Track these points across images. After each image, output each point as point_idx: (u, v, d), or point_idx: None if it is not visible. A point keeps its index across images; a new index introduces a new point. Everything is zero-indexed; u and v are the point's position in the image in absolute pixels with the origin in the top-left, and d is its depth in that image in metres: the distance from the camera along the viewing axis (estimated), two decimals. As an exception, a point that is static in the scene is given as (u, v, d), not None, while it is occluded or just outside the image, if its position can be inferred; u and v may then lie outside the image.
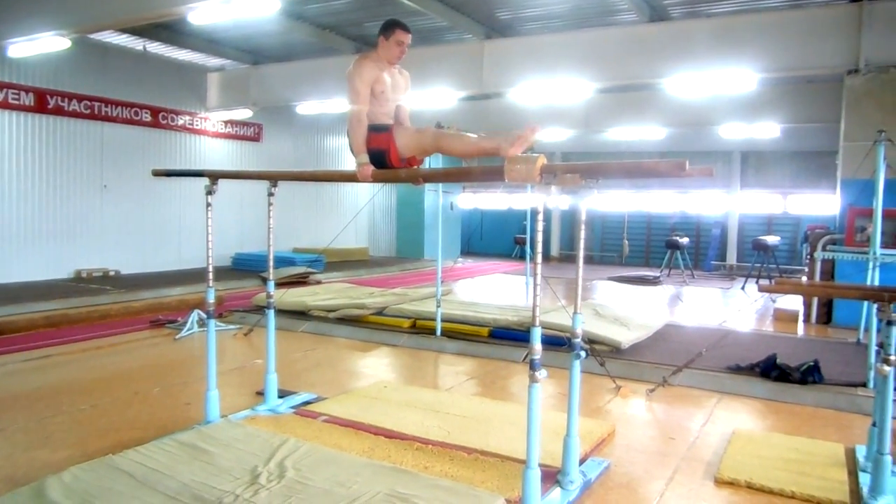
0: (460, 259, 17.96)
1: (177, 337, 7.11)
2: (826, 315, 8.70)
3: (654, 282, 13.68)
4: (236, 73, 13.09)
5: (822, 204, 15.42)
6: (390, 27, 3.62)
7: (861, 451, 3.84)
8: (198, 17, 6.79)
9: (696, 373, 5.56)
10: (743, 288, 12.81)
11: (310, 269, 12.09)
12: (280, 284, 10.60)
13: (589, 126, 14.04)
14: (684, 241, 14.80)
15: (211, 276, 4.24)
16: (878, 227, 5.41)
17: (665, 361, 5.88)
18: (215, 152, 13.48)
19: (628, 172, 3.05)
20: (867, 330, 6.76)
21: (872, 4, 7.81)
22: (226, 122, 13.60)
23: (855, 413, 4.82)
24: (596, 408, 4.89)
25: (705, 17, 9.13)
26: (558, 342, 6.67)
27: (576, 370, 3.26)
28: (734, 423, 4.59)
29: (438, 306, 6.93)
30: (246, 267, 12.71)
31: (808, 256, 9.57)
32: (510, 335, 6.82)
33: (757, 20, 8.53)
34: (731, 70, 8.57)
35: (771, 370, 5.34)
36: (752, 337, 7.63)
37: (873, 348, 4.91)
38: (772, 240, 13.38)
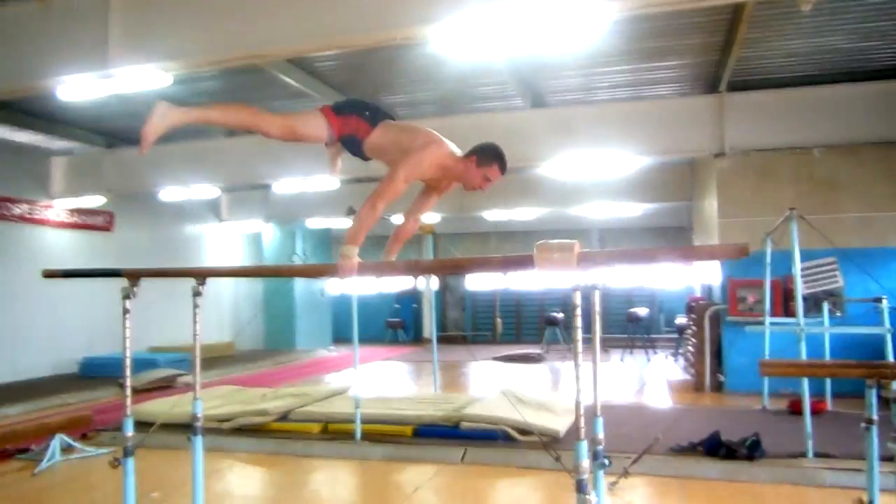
0: (332, 347, 17.16)
1: (35, 471, 5.78)
2: (717, 383, 9.14)
3: (537, 359, 13.77)
4: (87, 156, 11.77)
5: (676, 276, 16.76)
6: (493, 159, 3.07)
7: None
8: (68, 93, 5.90)
9: (645, 457, 5.38)
10: (622, 359, 13.23)
11: (177, 371, 10.76)
12: (142, 391, 9.34)
13: (463, 210, 14.04)
14: (561, 316, 15.17)
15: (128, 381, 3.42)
16: (799, 297, 5.61)
17: (611, 448, 5.65)
18: (59, 245, 11.83)
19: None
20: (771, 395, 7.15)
21: (731, 95, 8.62)
22: (71, 211, 12.09)
23: (807, 486, 4.85)
24: (564, 510, 4.50)
25: (587, 103, 9.57)
26: (491, 436, 6.29)
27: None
28: (707, 510, 4.40)
29: (358, 406, 6.22)
30: (97, 373, 10.98)
31: (692, 326, 10.09)
32: (437, 432, 6.29)
33: (634, 108, 9.08)
34: (611, 152, 9.01)
35: (717, 448, 5.30)
36: (668, 412, 7.71)
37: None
38: (643, 312, 14.11)
